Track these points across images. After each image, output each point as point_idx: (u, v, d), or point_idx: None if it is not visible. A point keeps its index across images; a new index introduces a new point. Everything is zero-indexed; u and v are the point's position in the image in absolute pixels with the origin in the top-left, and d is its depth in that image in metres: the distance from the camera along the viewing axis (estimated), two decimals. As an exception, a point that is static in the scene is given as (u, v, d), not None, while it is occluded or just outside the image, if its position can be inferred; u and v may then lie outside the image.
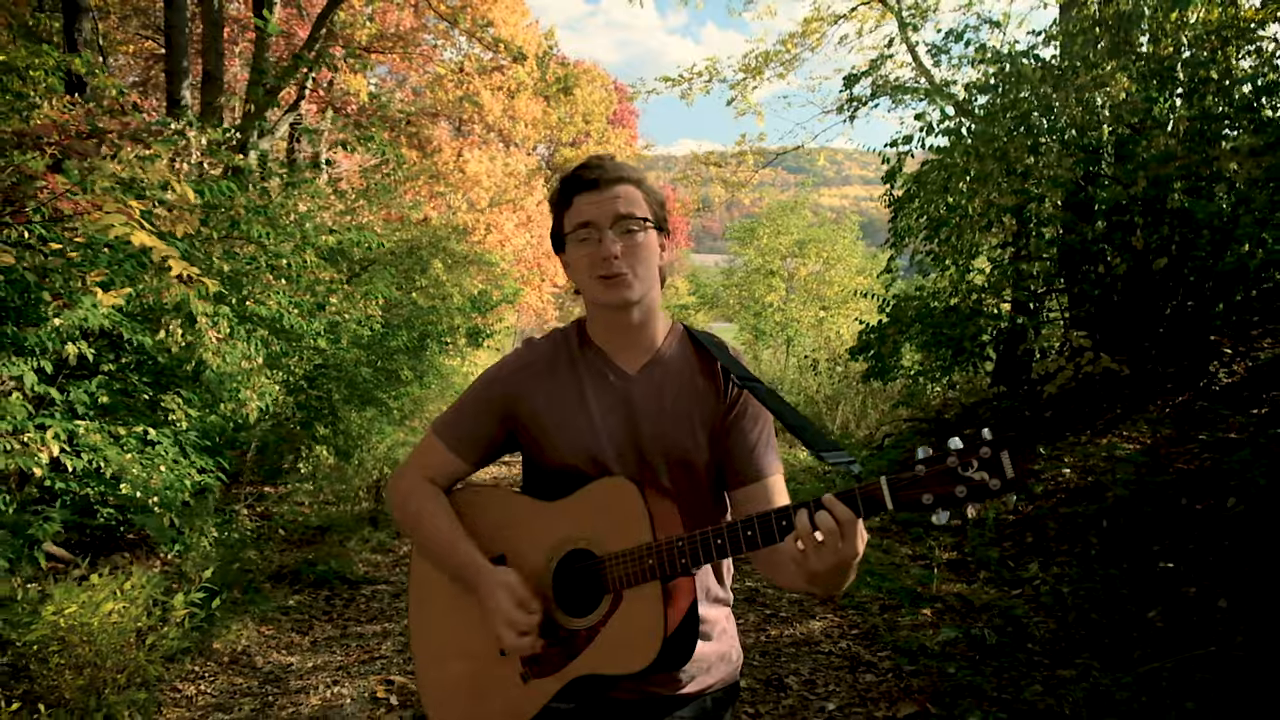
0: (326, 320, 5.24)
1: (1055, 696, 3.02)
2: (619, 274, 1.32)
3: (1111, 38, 5.42)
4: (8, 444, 3.65)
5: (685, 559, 1.23)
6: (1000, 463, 1.07)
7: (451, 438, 1.45)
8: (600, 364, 1.41)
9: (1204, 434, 5.08)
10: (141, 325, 4.29)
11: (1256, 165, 4.92)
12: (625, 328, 1.39)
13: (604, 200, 1.34)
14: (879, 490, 1.12)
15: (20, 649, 3.06)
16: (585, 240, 1.34)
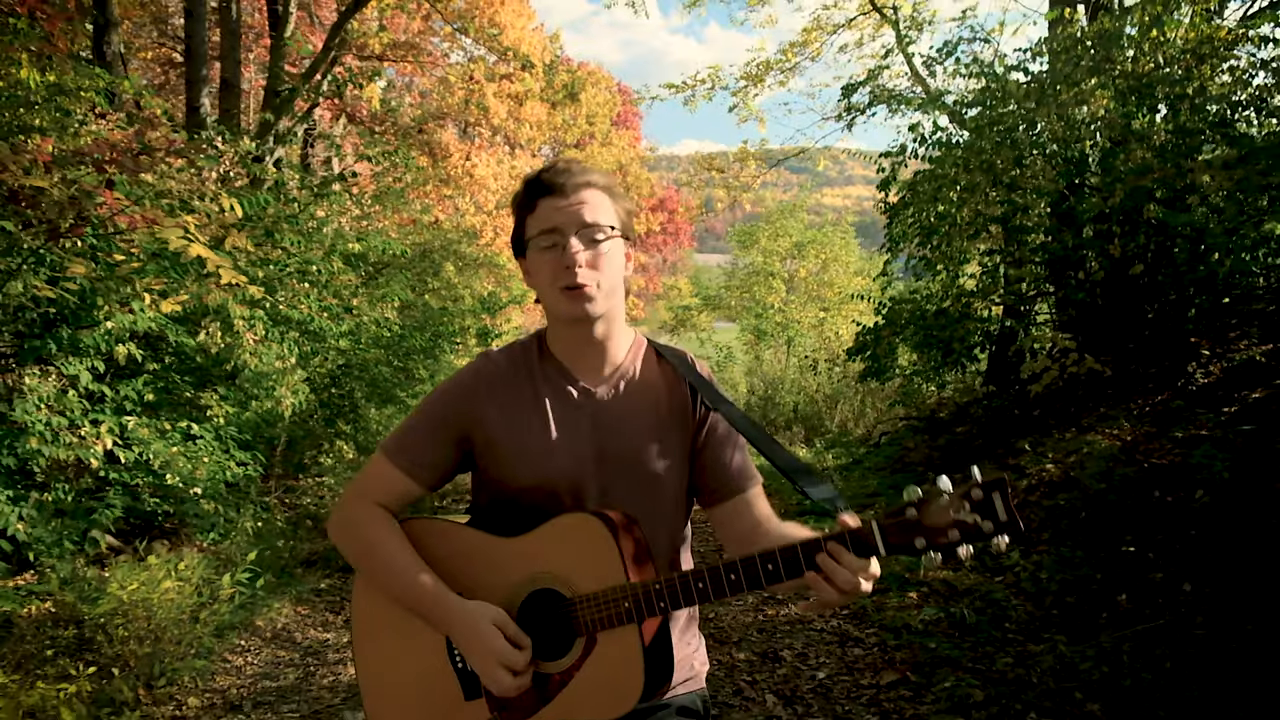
0: (353, 323, 5.57)
1: (1024, 667, 3.33)
2: (582, 285, 1.27)
3: (1092, 56, 5.72)
4: (67, 437, 3.99)
5: (664, 603, 1.19)
6: (993, 504, 1.04)
7: (404, 459, 1.34)
8: (561, 380, 1.35)
9: (1178, 431, 5.39)
10: (183, 328, 4.62)
11: (1228, 178, 5.22)
12: (587, 341, 1.34)
13: (569, 206, 1.28)
14: (870, 535, 1.09)
15: (88, 622, 3.38)
16: (549, 248, 1.28)
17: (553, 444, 1.31)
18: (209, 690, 3.30)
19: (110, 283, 3.95)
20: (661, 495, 1.33)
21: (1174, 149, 5.56)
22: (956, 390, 9.12)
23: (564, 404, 1.33)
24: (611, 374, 1.36)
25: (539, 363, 1.36)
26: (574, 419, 1.32)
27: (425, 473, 1.34)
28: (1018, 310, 7.28)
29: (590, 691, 1.22)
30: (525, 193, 1.33)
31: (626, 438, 1.32)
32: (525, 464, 1.31)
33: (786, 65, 11.57)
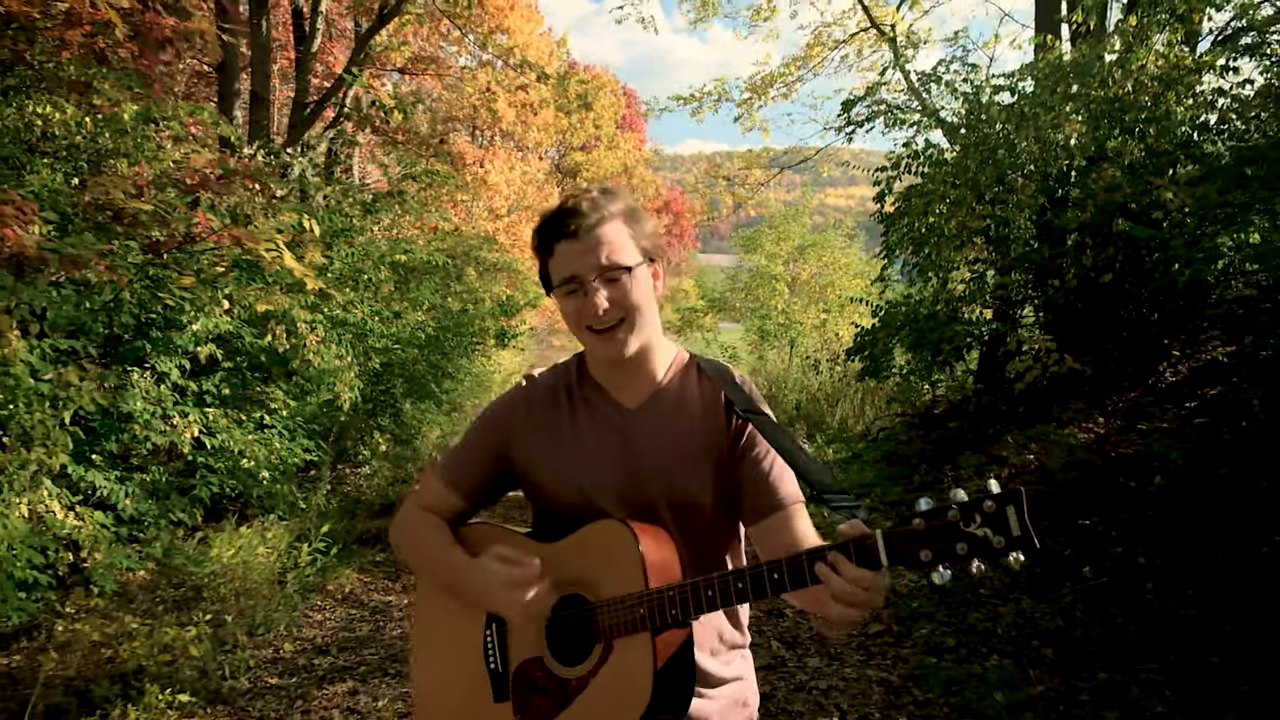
0: (399, 325, 6.16)
1: (991, 621, 3.90)
2: (610, 328, 1.29)
3: (1068, 83, 6.29)
4: (160, 425, 4.58)
5: (676, 610, 1.19)
6: (1005, 519, 0.99)
7: (448, 474, 1.44)
8: (598, 400, 1.38)
9: (1143, 424, 5.96)
10: (253, 330, 5.21)
11: (1190, 195, 5.79)
12: (623, 369, 1.37)
13: (586, 251, 1.28)
14: (874, 544, 1.06)
15: (192, 581, 3.97)
16: (572, 293, 1.30)
17: (586, 461, 1.34)
18: (298, 638, 3.89)
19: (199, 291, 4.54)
20: (696, 508, 1.33)
21: (1143, 168, 6.13)
22: (949, 388, 9.69)
23: (598, 422, 1.36)
24: (649, 392, 1.37)
25: (578, 384, 1.40)
26: (607, 436, 1.35)
27: (466, 486, 1.42)
28: (1005, 314, 7.85)
29: (602, 697, 1.23)
30: (541, 235, 1.33)
31: (660, 453, 1.33)
32: (561, 481, 1.34)
33: (790, 79, 12.14)
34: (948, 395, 9.77)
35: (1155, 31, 6.39)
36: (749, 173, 14.10)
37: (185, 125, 6.67)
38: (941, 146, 7.60)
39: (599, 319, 1.27)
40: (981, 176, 6.32)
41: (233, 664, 3.44)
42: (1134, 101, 6.21)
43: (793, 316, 16.54)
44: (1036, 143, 6.07)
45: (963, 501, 1.02)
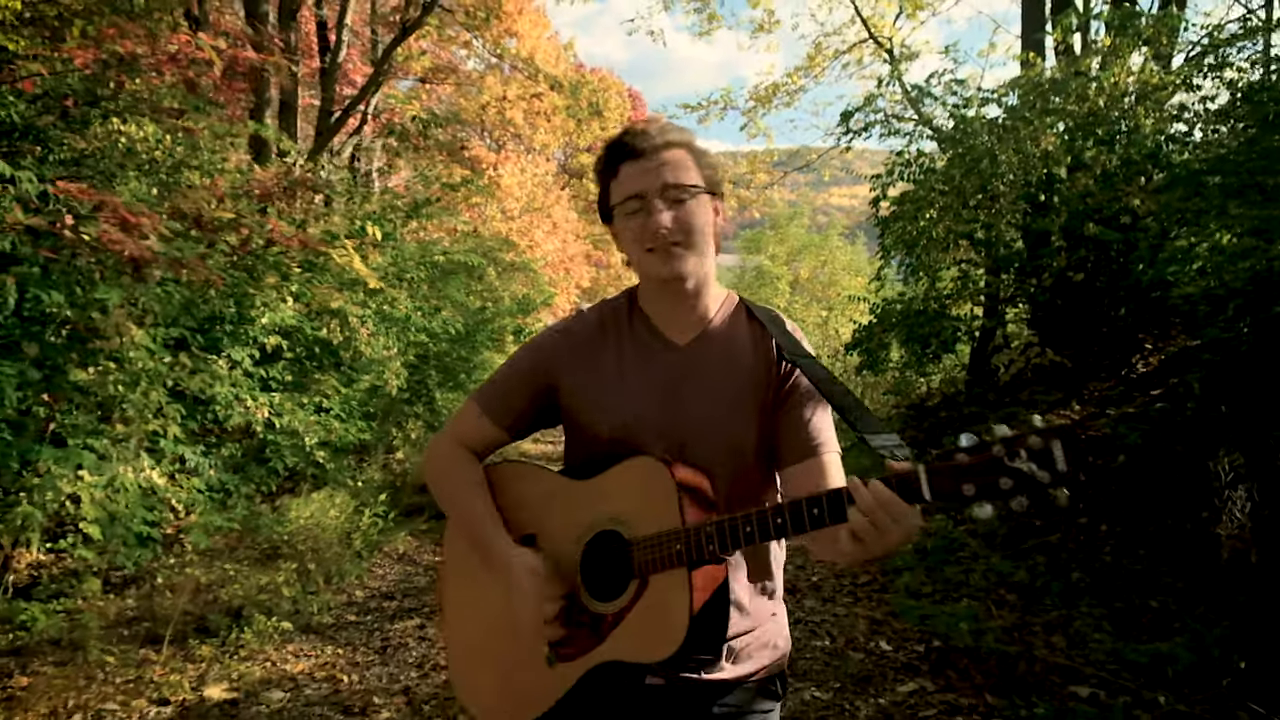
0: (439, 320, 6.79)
1: (965, 574, 4.51)
2: (670, 245, 1.28)
3: (1046, 98, 6.89)
4: (237, 407, 5.21)
5: (714, 545, 1.18)
6: (1052, 455, 0.97)
7: (490, 406, 1.41)
8: (647, 335, 1.37)
9: (1111, 410, 6.56)
10: (310, 323, 5.84)
11: (1155, 202, 6.39)
12: (677, 298, 1.35)
13: (651, 169, 1.28)
14: (915, 478, 1.04)
15: (275, 539, 4.60)
16: (634, 212, 1.29)
17: (629, 394, 1.33)
18: (367, 587, 4.52)
19: (271, 288, 5.17)
20: (739, 449, 1.32)
21: (1115, 177, 6.72)
22: (943, 381, 10.29)
23: (645, 357, 1.35)
24: (699, 331, 1.36)
25: (628, 320, 1.39)
26: (652, 370, 1.34)
27: (508, 419, 1.40)
28: (993, 311, 8.45)
29: (637, 632, 1.23)
30: (607, 158, 1.33)
31: (704, 390, 1.32)
32: (604, 413, 1.33)
33: (792, 87, 12.75)
34: (941, 388, 10.39)
35: (1127, 52, 6.99)
36: (753, 176, 14.70)
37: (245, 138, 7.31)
38: (932, 155, 8.21)
39: (659, 236, 1.27)
40: (966, 185, 6.93)
41: (318, 604, 4.06)
42: (1106, 115, 6.81)
43: (795, 315, 17.17)
44: (1016, 154, 6.67)
45: (1007, 436, 1.00)
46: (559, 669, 1.30)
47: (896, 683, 3.22)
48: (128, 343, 4.10)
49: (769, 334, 1.37)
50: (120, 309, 4.08)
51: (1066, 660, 3.34)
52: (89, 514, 3.83)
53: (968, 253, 7.43)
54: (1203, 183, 6.05)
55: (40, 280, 3.70)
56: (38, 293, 3.67)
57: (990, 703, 3.00)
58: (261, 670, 3.40)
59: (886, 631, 3.74)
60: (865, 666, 3.37)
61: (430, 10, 11.97)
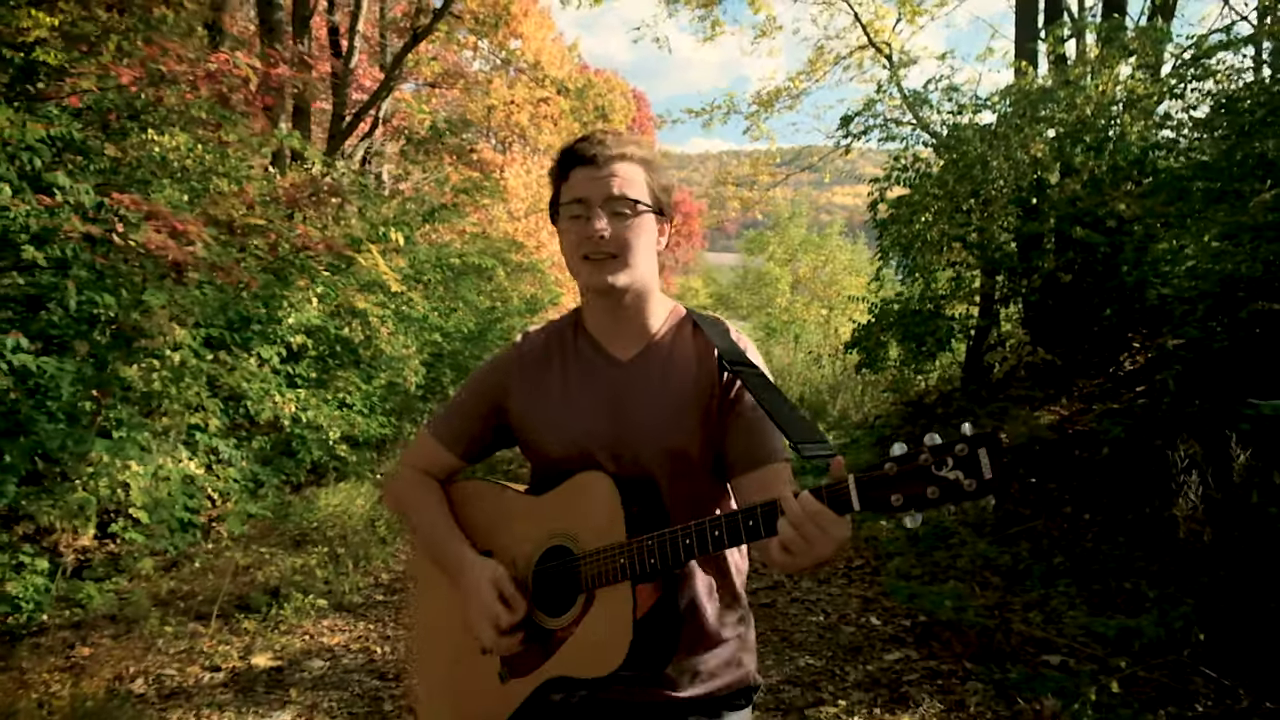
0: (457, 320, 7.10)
1: (953, 558, 4.80)
2: (605, 256, 1.29)
3: (1035, 108, 7.17)
4: (267, 402, 5.52)
5: (654, 559, 1.19)
6: (978, 462, 0.98)
7: (443, 432, 1.45)
8: (591, 353, 1.39)
9: (1097, 405, 6.85)
10: (334, 323, 6.14)
11: (1140, 207, 6.67)
12: (617, 313, 1.36)
13: (600, 178, 1.30)
14: (846, 490, 1.06)
15: (306, 526, 4.91)
16: (575, 217, 1.31)
17: (577, 414, 1.34)
18: (391, 571, 4.82)
19: (296, 290, 5.47)
20: (687, 463, 1.33)
21: (1102, 182, 7.00)
22: (939, 379, 10.59)
23: (589, 374, 1.37)
24: (642, 344, 1.38)
25: (573, 338, 1.41)
26: (599, 388, 1.35)
27: (460, 445, 1.44)
28: (988, 311, 8.74)
29: (583, 647, 1.25)
30: (561, 161, 1.35)
31: (650, 406, 1.33)
32: (552, 432, 1.36)
33: (794, 92, 13.04)
34: (938, 385, 10.68)
35: (1114, 63, 7.27)
36: (756, 178, 14.99)
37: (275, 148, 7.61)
38: (928, 160, 8.49)
39: (595, 245, 1.28)
40: (960, 189, 7.22)
41: (348, 584, 4.37)
42: (1093, 123, 7.09)
43: (796, 314, 17.44)
44: (1006, 161, 6.96)
45: (935, 445, 1.01)
46: (510, 685, 1.32)
47: (884, 652, 3.51)
48: (170, 341, 4.41)
49: (712, 343, 1.37)
50: (163, 310, 4.39)
51: (1041, 633, 3.63)
52: (138, 500, 4.14)
53: (961, 255, 7.71)
54: (1185, 188, 6.34)
55: (94, 284, 4.01)
56: (92, 295, 3.98)
57: (969, 669, 3.29)
58: (301, 642, 3.70)
59: (876, 609, 4.04)
60: (855, 638, 3.66)
61: (441, 17, 12.27)
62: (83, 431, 4.01)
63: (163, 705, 3.09)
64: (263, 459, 5.52)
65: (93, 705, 3.00)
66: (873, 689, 3.17)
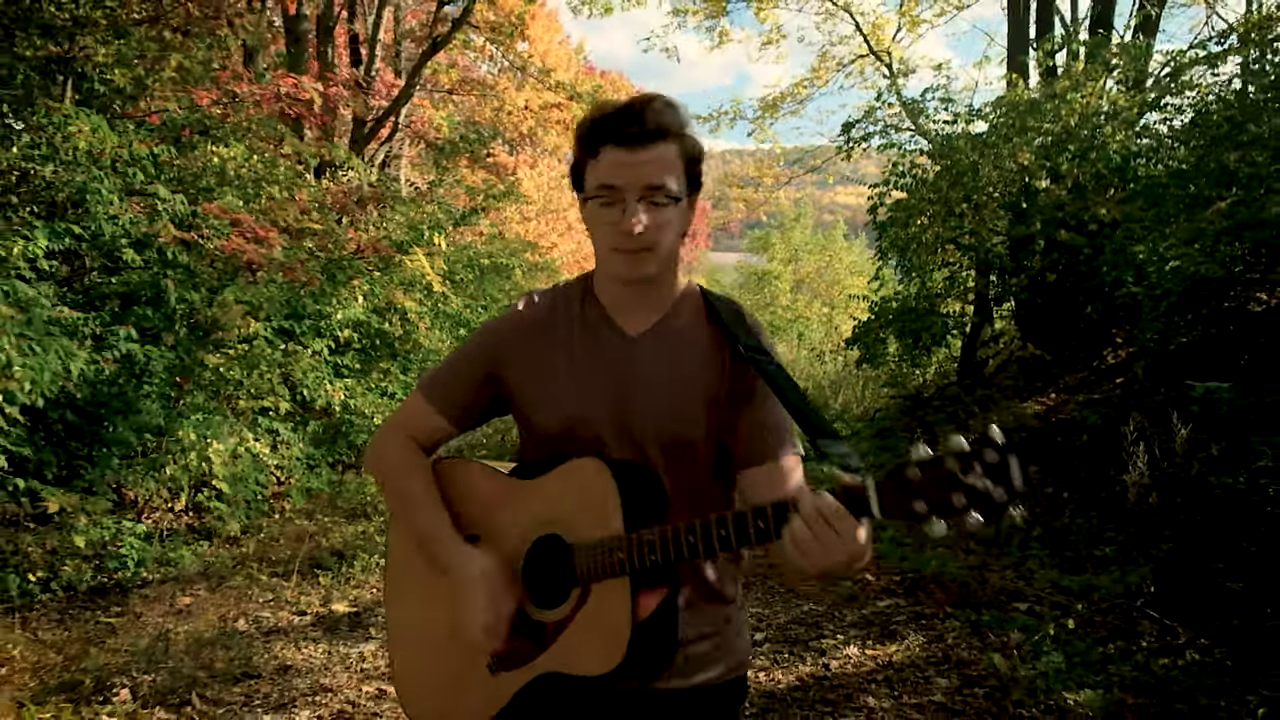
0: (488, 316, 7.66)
1: (941, 530, 5.33)
2: (640, 249, 1.20)
3: (1023, 119, 7.71)
4: (320, 390, 6.08)
5: (655, 556, 1.12)
6: (1009, 470, 0.92)
7: (436, 396, 1.34)
8: (599, 324, 1.30)
9: (1080, 396, 7.39)
10: (376, 318, 6.70)
11: (1120, 212, 7.21)
12: (636, 290, 1.28)
13: (637, 164, 1.17)
14: (863, 492, 1.00)
15: (360, 500, 5.46)
16: (608, 205, 1.20)
17: (577, 389, 1.27)
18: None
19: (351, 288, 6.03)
20: (692, 450, 1.26)
21: (1086, 189, 7.54)
22: (936, 373, 11.14)
23: (595, 348, 1.29)
24: (655, 321, 1.30)
25: (581, 306, 1.32)
26: (603, 362, 1.28)
27: (455, 410, 1.33)
28: (982, 309, 9.29)
29: (578, 644, 1.19)
30: (590, 134, 1.22)
31: (655, 384, 1.26)
32: (550, 406, 1.28)
33: (799, 98, 13.58)
34: (935, 379, 11.23)
35: (1097, 77, 7.80)
36: (760, 181, 15.53)
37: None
38: (924, 166, 9.04)
39: (631, 240, 1.19)
40: (953, 195, 7.76)
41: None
42: (1077, 134, 7.62)
43: (799, 312, 18.00)
44: (995, 169, 7.50)
45: (962, 450, 0.95)
46: (500, 678, 1.25)
47: (877, 600, 4.06)
48: (242, 333, 4.97)
49: (726, 327, 1.30)
50: (238, 305, 4.96)
51: (1014, 585, 4.18)
52: (220, 474, 4.71)
53: (954, 256, 8.26)
54: (1161, 195, 6.88)
55: (183, 283, 4.57)
56: (181, 292, 4.54)
57: (949, 612, 3.84)
58: (370, 595, 4.25)
59: (872, 568, 4.59)
60: (853, 590, 4.21)
61: (459, 27, 12.82)
62: (172, 412, 4.58)
63: (265, 639, 3.64)
64: (316, 441, 6.08)
65: (208, 637, 3.56)
66: (866, 628, 3.72)
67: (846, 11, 12.68)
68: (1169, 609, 3.80)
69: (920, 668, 3.27)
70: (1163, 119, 7.60)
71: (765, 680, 3.21)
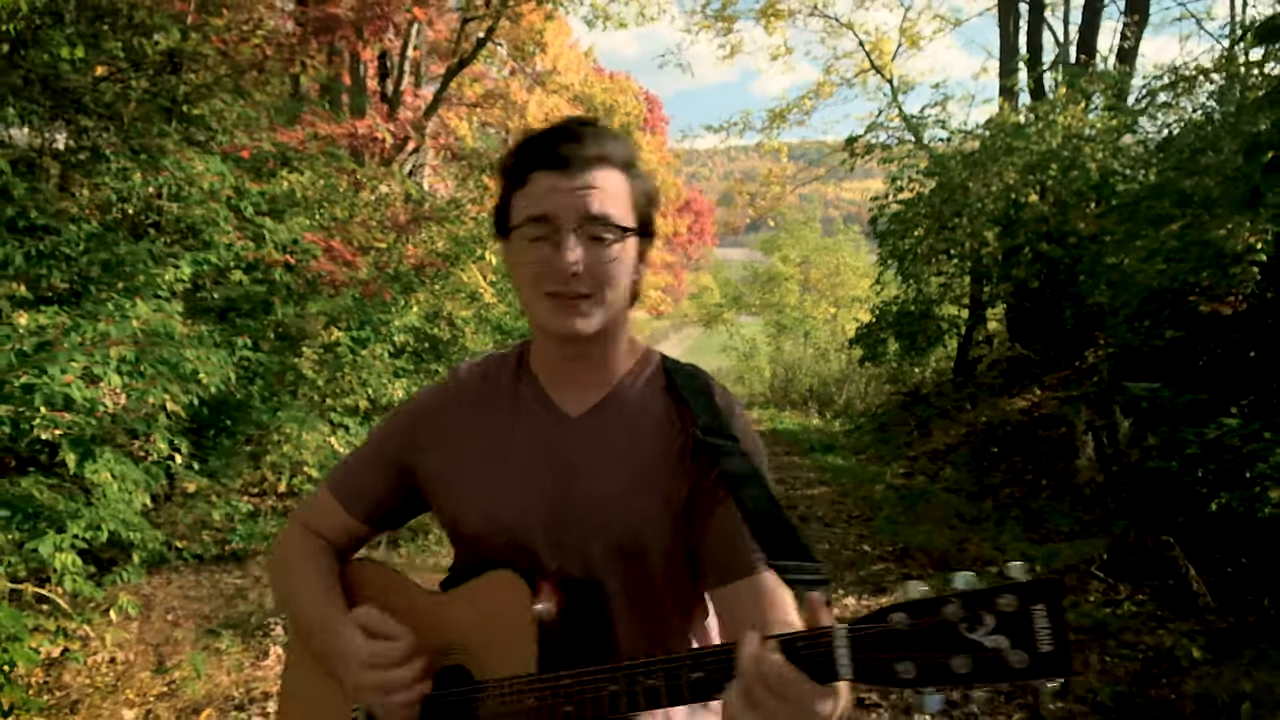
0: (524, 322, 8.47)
1: (929, 506, 6.13)
2: (577, 296, 0.96)
3: (1009, 139, 8.47)
4: (382, 389, 6.89)
5: (570, 708, 0.89)
6: (1031, 625, 0.67)
7: (342, 489, 1.13)
8: (534, 403, 1.07)
9: (1061, 392, 8.16)
10: (429, 324, 7.51)
11: (1097, 226, 7.97)
12: (576, 358, 1.05)
13: (574, 191, 0.95)
14: (828, 647, 0.75)
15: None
16: (538, 239, 0.96)
17: (505, 480, 1.04)
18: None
19: (408, 297, 6.84)
20: (644, 560, 1.02)
21: (1067, 204, 8.31)
22: (934, 371, 11.93)
23: (530, 433, 1.06)
24: (598, 396, 1.06)
25: (513, 381, 1.09)
26: (539, 451, 1.04)
27: (362, 506, 1.13)
28: (975, 313, 10.08)
29: None
30: (518, 161, 1.00)
31: (601, 479, 1.02)
32: (470, 506, 1.05)
33: (804, 110, 14.38)
34: (932, 377, 12.03)
35: (1079, 102, 8.57)
36: (769, 187, 16.33)
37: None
38: (921, 180, 9.82)
39: (566, 281, 0.95)
40: (945, 210, 8.54)
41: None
42: (1059, 153, 8.39)
43: (806, 312, 18.80)
44: (984, 186, 8.28)
45: (968, 593, 0.70)
46: None
47: (871, 565, 4.86)
48: (324, 340, 5.78)
49: (688, 405, 1.05)
50: (319, 316, 5.77)
51: (988, 554, 4.96)
52: (311, 461, 5.52)
53: (947, 265, 9.05)
54: (1134, 210, 7.64)
55: (286, 300, 5.39)
56: (284, 308, 5.36)
57: (930, 573, 4.63)
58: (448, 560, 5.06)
59: (869, 541, 5.39)
60: (852, 558, 5.01)
61: (483, 45, 13.63)
62: (272, 408, 5.40)
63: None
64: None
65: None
66: (861, 586, 4.51)
67: (850, 29, 13.46)
68: (1116, 572, 4.58)
69: (905, 613, 4.07)
70: (1137, 141, 8.36)
71: (780, 623, 4.00)
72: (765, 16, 13.70)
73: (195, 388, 4.04)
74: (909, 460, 8.43)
